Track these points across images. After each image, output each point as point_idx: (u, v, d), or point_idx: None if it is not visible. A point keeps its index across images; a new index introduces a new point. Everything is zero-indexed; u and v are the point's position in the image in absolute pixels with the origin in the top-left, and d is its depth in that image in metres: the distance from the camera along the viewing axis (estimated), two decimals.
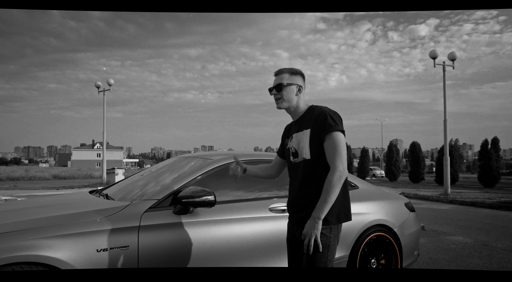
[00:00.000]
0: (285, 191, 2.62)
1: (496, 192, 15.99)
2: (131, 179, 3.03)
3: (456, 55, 15.32)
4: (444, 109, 14.88)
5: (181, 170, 2.63)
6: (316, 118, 1.82)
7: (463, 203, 11.17)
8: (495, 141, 21.81)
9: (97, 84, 18.08)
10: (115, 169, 17.96)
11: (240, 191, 2.53)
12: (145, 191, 2.46)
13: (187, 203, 2.11)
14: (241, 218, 2.35)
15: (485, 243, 5.26)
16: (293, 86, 1.92)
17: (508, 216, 8.54)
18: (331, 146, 1.77)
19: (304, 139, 1.86)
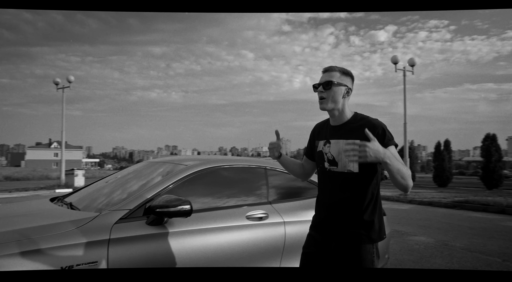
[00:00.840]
0: (261, 196, 2.58)
1: (450, 191, 16.96)
2: (95, 186, 2.86)
3: (415, 61, 16.08)
4: (404, 113, 15.55)
5: (152, 176, 2.51)
6: (372, 131, 1.63)
7: (421, 203, 11.71)
8: (447, 143, 23.20)
9: (55, 80, 17.14)
10: (74, 170, 17.10)
11: (216, 198, 2.45)
12: (113, 200, 2.31)
13: (161, 213, 2.00)
14: (218, 227, 2.26)
15: (445, 243, 5.52)
16: (343, 87, 1.75)
17: (462, 215, 9.05)
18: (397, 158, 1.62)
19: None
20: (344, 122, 1.76)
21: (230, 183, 2.61)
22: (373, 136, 1.56)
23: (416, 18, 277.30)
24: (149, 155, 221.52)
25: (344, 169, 1.71)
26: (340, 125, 1.77)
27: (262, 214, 2.45)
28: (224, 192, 2.52)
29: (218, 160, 2.69)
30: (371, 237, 1.70)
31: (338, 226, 1.72)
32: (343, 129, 1.75)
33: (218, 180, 2.55)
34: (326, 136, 1.81)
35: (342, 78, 1.76)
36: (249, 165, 2.74)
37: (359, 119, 1.75)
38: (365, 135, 1.59)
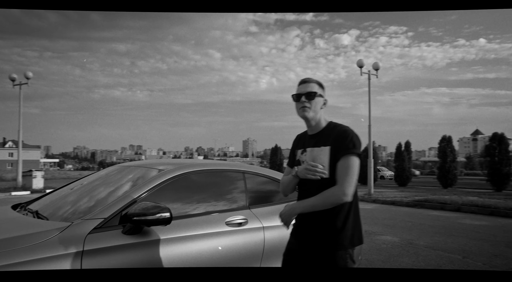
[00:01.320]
0: (240, 201, 2.56)
1: (410, 190, 17.76)
2: (62, 192, 2.69)
3: (379, 65, 16.66)
4: (369, 115, 16.07)
5: (126, 182, 2.40)
6: (337, 137, 1.77)
7: (385, 202, 12.16)
8: (407, 144, 24.32)
9: (12, 76, 16.09)
10: (32, 171, 16.16)
11: (194, 204, 2.38)
12: (86, 208, 2.19)
13: (138, 222, 1.92)
14: (198, 234, 2.20)
15: (410, 242, 5.76)
16: (322, 99, 1.87)
17: (423, 213, 9.49)
18: (344, 167, 1.71)
19: (322, 156, 1.78)
20: (318, 131, 1.86)
21: (208, 188, 2.55)
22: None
23: (377, 23, 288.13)
24: (112, 155, 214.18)
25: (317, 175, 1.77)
26: (316, 134, 1.86)
27: (241, 220, 2.42)
28: (202, 197, 2.46)
29: (194, 164, 2.62)
30: (342, 243, 1.71)
31: (311, 232, 1.77)
32: (317, 138, 1.84)
33: (195, 185, 2.49)
34: (304, 145, 1.90)
35: (321, 90, 1.87)
36: (227, 168, 2.71)
37: (332, 127, 1.84)
38: (335, 141, 1.75)
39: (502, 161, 19.44)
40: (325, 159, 1.76)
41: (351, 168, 1.70)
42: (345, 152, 1.72)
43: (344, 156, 1.72)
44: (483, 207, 9.80)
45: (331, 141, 1.77)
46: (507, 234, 6.64)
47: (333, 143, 1.76)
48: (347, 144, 1.73)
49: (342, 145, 1.73)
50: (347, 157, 1.71)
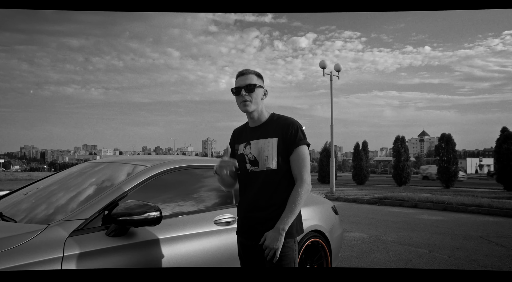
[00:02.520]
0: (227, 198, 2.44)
1: (368, 188, 18.46)
2: (26, 191, 2.42)
3: (340, 67, 17.13)
4: (331, 116, 16.47)
5: (105, 179, 2.20)
6: (286, 129, 1.78)
7: (347, 200, 12.51)
8: (364, 144, 25.34)
9: None
10: None
11: (182, 202, 2.24)
12: (61, 208, 1.96)
13: (124, 222, 1.74)
14: (186, 234, 2.06)
15: (378, 237, 5.92)
16: (262, 90, 1.85)
17: (384, 210, 9.86)
18: (299, 158, 1.76)
19: (269, 148, 1.78)
20: (262, 123, 1.84)
21: (194, 185, 2.41)
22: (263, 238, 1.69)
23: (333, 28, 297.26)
24: (64, 155, 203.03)
25: (264, 167, 1.77)
26: (259, 126, 1.84)
27: (229, 218, 2.30)
28: (189, 195, 2.32)
29: (180, 160, 2.46)
30: (291, 232, 1.73)
31: (260, 225, 1.76)
32: (260, 130, 1.83)
33: (182, 182, 2.34)
34: (247, 138, 1.86)
35: (260, 81, 1.83)
36: (213, 165, 2.57)
37: (276, 119, 1.84)
38: (284, 134, 1.76)
39: (449, 160, 20.82)
40: (272, 150, 1.76)
41: (305, 158, 1.76)
42: (298, 143, 1.76)
43: (297, 148, 1.76)
44: (438, 203, 10.39)
45: (278, 133, 1.78)
46: (462, 227, 7.06)
47: (281, 135, 1.77)
48: (298, 136, 1.77)
49: (293, 137, 1.76)
50: (300, 148, 1.76)
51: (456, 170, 21.06)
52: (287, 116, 1.86)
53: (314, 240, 2.80)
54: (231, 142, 1.95)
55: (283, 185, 1.77)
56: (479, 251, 5.02)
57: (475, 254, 4.88)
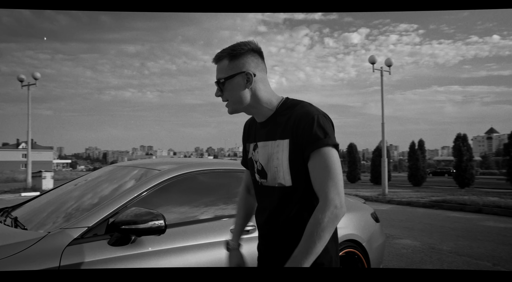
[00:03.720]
0: None
1: (425, 190, 17.22)
2: (51, 194, 2.41)
3: (392, 62, 16.17)
4: (382, 113, 15.59)
5: (119, 184, 2.12)
6: (298, 123, 1.20)
7: (400, 203, 11.71)
8: (421, 143, 23.71)
9: (20, 77, 16.08)
10: (42, 172, 16.14)
11: (195, 209, 2.09)
12: (68, 214, 1.90)
13: (127, 231, 1.63)
14: (197, 244, 1.90)
15: (432, 246, 5.37)
16: (237, 78, 1.24)
17: (442, 215, 9.04)
18: (320, 167, 1.17)
19: (279, 156, 1.24)
20: (270, 116, 1.29)
21: (210, 191, 2.26)
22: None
23: (387, 21, 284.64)
24: (123, 156, 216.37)
25: (274, 182, 1.27)
26: (266, 121, 1.30)
27: (249, 226, 2.11)
28: (204, 201, 2.16)
29: (196, 163, 2.32)
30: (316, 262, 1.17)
31: (276, 253, 1.30)
32: (269, 126, 1.29)
33: (196, 188, 2.19)
34: (255, 136, 1.36)
35: (233, 66, 1.25)
36: (232, 168, 2.40)
37: (288, 107, 1.27)
38: (295, 131, 1.20)
39: None
40: (283, 158, 1.23)
41: (330, 165, 1.16)
42: (314, 145, 1.17)
43: (314, 151, 1.17)
44: (507, 208, 9.30)
45: (290, 131, 1.22)
46: None
47: (292, 133, 1.21)
48: (312, 132, 1.17)
49: (307, 135, 1.18)
50: (319, 151, 1.17)
51: None
52: (303, 103, 1.27)
53: (349, 250, 2.51)
54: (243, 138, 1.47)
55: (305, 207, 1.23)
56: None
57: None
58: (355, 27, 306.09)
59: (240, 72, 1.24)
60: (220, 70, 1.26)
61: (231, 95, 1.25)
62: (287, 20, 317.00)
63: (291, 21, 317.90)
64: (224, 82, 1.25)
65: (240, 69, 1.24)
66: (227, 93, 1.26)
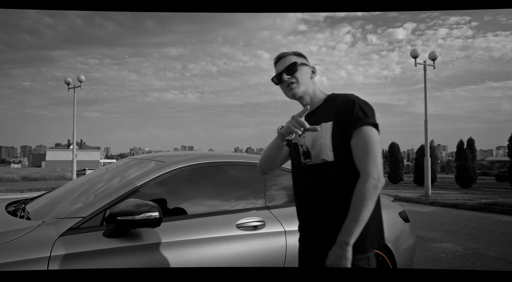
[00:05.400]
0: (257, 200, 2.12)
1: (474, 192, 16.02)
2: (66, 187, 2.42)
3: (437, 55, 15.23)
4: (425, 110, 14.74)
5: (124, 175, 2.07)
6: (340, 108, 1.40)
7: (444, 205, 10.98)
8: (470, 141, 22.07)
9: (67, 80, 17.05)
10: (86, 169, 17.02)
11: (198, 202, 1.99)
12: (68, 206, 1.87)
13: (123, 222, 1.56)
14: (199, 239, 1.80)
15: (476, 251, 4.91)
16: (307, 68, 1.54)
17: (491, 218, 8.34)
18: (361, 144, 1.34)
19: (323, 136, 1.41)
20: (317, 106, 1.52)
21: (217, 184, 2.15)
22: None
23: (436, 15, 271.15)
24: None
25: (318, 159, 1.42)
26: (314, 111, 1.52)
27: (257, 222, 1.98)
28: (209, 195, 2.06)
29: (205, 156, 2.22)
30: (362, 246, 1.34)
31: (319, 235, 1.42)
32: (316, 115, 1.50)
33: (202, 180, 2.09)
34: None
35: (302, 60, 1.55)
36: (242, 161, 2.28)
37: (333, 98, 1.50)
38: (338, 113, 1.40)
39: None
40: (326, 137, 1.41)
41: (369, 142, 1.34)
42: (357, 123, 1.36)
43: (356, 130, 1.35)
44: None
45: (334, 114, 1.42)
46: None
47: (336, 116, 1.41)
48: (355, 113, 1.37)
49: (350, 116, 1.37)
50: (360, 129, 1.35)
51: None
52: (346, 93, 1.48)
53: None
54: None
55: (346, 181, 1.37)
56: None
57: None
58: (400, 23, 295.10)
59: (308, 65, 1.54)
60: (290, 60, 1.51)
61: (301, 78, 1.49)
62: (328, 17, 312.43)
63: (332, 19, 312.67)
64: (297, 67, 1.49)
65: (308, 64, 1.56)
66: (299, 75, 1.49)
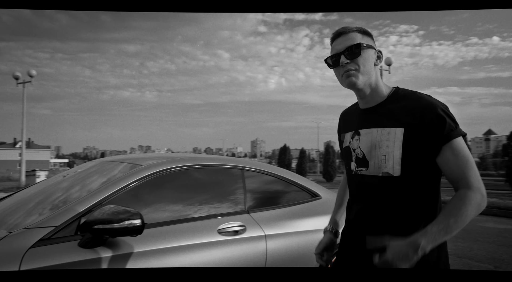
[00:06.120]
0: (237, 204, 2.09)
1: None
2: (26, 192, 2.23)
3: (391, 61, 16.09)
4: None
5: (99, 179, 1.96)
6: (422, 115, 1.15)
7: None
8: None
9: (15, 75, 15.89)
10: (36, 170, 15.97)
11: (179, 208, 1.92)
12: (40, 212, 1.74)
13: (101, 231, 1.47)
14: (180, 246, 1.74)
15: None
16: (372, 51, 1.25)
17: None
18: (458, 157, 1.13)
19: (390, 144, 1.18)
20: (379, 103, 1.25)
21: (197, 188, 2.09)
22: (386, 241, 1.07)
23: (387, 22, 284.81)
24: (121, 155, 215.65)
25: (379, 171, 1.20)
26: (374, 107, 1.26)
27: (238, 227, 1.95)
28: (189, 199, 1.99)
29: (183, 158, 2.16)
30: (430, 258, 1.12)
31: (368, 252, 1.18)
32: (377, 113, 1.25)
33: (182, 184, 2.03)
34: (355, 125, 1.32)
35: (367, 40, 1.25)
36: (222, 164, 2.24)
37: (402, 96, 1.23)
38: (411, 120, 1.15)
39: None
40: (394, 147, 1.17)
41: (466, 155, 1.14)
42: (449, 135, 1.14)
43: (449, 143, 1.14)
44: (506, 209, 9.21)
45: (406, 120, 1.17)
46: None
47: (412, 124, 1.16)
48: (445, 123, 1.14)
49: (438, 126, 1.14)
50: (455, 142, 1.14)
51: None
52: (420, 94, 1.23)
53: None
54: (338, 130, 1.43)
55: (412, 203, 1.17)
56: None
57: None
58: None
59: (374, 48, 1.26)
60: (353, 39, 1.22)
61: (364, 64, 1.21)
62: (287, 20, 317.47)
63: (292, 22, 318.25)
64: (361, 49, 1.21)
65: (374, 46, 1.27)
66: (361, 61, 1.21)
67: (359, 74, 1.21)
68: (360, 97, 1.29)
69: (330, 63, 1.27)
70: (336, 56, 1.23)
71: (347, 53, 1.21)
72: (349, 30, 1.25)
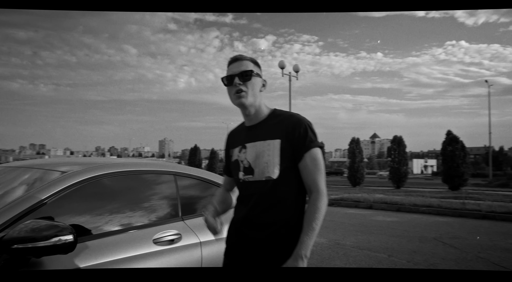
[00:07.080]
0: (172, 210, 2.04)
1: None
2: None
3: (299, 68, 17.18)
4: None
5: (6, 190, 1.72)
6: (293, 129, 1.43)
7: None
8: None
9: None
10: None
11: (109, 218, 1.80)
12: None
13: (22, 251, 1.30)
14: (114, 260, 1.62)
15: (337, 242, 5.74)
16: (260, 80, 1.52)
17: (340, 212, 9.84)
18: (313, 164, 1.42)
19: (270, 153, 1.43)
20: (261, 121, 1.51)
21: (129, 196, 1.98)
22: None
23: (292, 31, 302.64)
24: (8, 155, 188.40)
25: (262, 176, 1.43)
26: (257, 125, 1.52)
27: (173, 235, 1.91)
28: (122, 209, 1.88)
29: (109, 164, 2.02)
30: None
31: (255, 246, 1.43)
32: (258, 129, 1.50)
33: (111, 193, 1.90)
34: (242, 140, 1.54)
35: (257, 69, 1.53)
36: (153, 169, 2.16)
37: (278, 115, 1.52)
38: (290, 134, 1.44)
39: (400, 161, 21.65)
40: (273, 155, 1.42)
41: (319, 164, 1.44)
42: (309, 146, 1.43)
43: (308, 152, 1.42)
44: (391, 204, 10.61)
45: (283, 134, 1.44)
46: (417, 228, 7.16)
47: (286, 136, 1.44)
48: (308, 137, 1.43)
49: (302, 138, 1.43)
50: (312, 152, 1.43)
51: (407, 171, 21.95)
52: (292, 112, 1.54)
53: None
54: (226, 146, 1.63)
55: (288, 198, 1.43)
56: (436, 254, 5.01)
57: (433, 257, 4.85)
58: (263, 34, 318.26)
59: (261, 77, 1.53)
60: (246, 66, 1.48)
61: (253, 88, 1.47)
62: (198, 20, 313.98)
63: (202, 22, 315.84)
64: (252, 75, 1.47)
65: (261, 76, 1.54)
66: (251, 85, 1.47)
67: (248, 95, 1.46)
68: (246, 115, 1.53)
69: (225, 83, 1.50)
70: (231, 77, 1.47)
71: (240, 76, 1.46)
72: (244, 58, 1.51)
